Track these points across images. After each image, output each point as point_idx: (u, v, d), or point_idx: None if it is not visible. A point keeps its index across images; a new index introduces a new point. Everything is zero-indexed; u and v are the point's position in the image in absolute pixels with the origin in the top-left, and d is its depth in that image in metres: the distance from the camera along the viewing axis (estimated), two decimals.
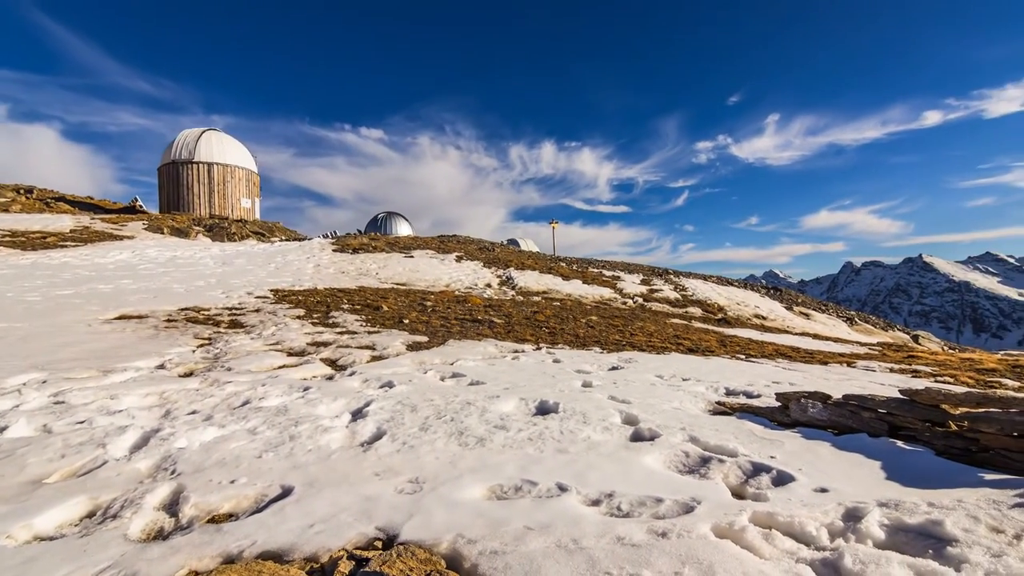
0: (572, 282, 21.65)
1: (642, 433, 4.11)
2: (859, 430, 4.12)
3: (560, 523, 2.59)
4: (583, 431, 4.10)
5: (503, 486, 3.11)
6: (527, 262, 25.18)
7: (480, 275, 20.78)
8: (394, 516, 2.69)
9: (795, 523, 2.56)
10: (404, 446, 3.71)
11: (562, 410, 4.66)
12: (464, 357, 7.39)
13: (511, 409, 4.82)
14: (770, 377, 7.12)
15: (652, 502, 2.85)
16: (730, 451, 3.67)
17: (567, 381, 6.07)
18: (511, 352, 8.22)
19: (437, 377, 6.19)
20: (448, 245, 28.30)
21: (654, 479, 3.25)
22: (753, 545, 2.38)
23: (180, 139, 34.41)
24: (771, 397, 5.47)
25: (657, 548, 2.30)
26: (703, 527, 2.51)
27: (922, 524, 2.50)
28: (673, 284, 25.09)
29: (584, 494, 2.98)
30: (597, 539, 2.42)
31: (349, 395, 5.06)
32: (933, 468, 3.39)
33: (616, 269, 28.13)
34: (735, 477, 3.32)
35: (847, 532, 2.52)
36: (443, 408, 4.65)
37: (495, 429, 4.09)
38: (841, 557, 2.21)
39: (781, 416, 4.66)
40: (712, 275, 30.76)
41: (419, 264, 21.75)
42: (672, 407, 5.01)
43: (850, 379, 7.51)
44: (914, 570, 2.10)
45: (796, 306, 25.33)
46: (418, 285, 17.73)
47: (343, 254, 23.18)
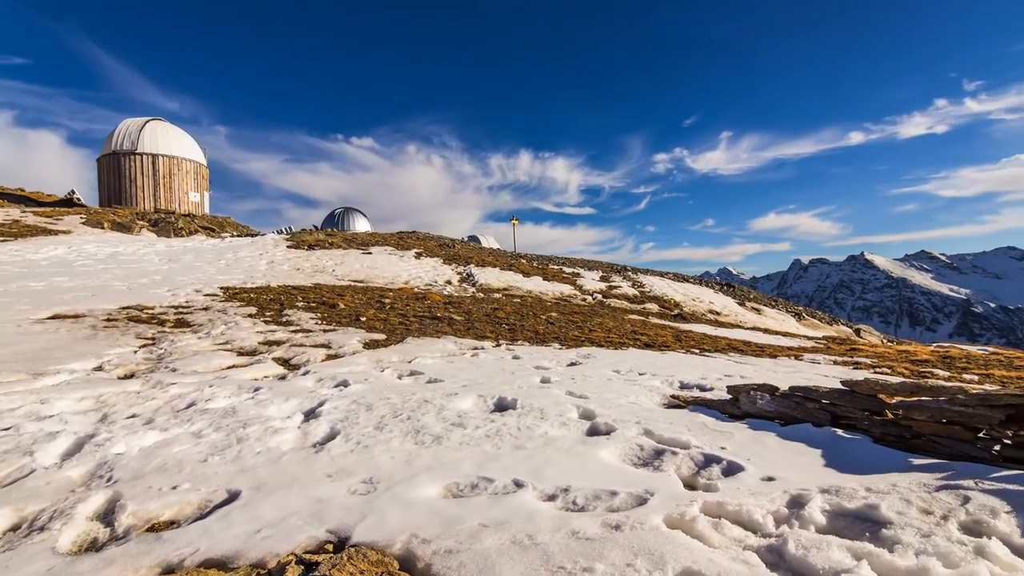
0: (533, 279, 21.74)
1: (599, 427, 4.16)
2: (804, 420, 4.28)
3: (516, 519, 2.58)
4: (541, 427, 4.11)
5: (459, 484, 3.08)
6: (488, 259, 25.13)
7: (440, 272, 20.61)
8: (346, 518, 2.62)
9: (743, 511, 2.64)
10: (358, 446, 3.63)
11: (520, 406, 4.66)
12: (423, 355, 7.31)
13: (469, 406, 4.79)
14: (722, 371, 7.33)
15: (607, 495, 2.88)
16: (683, 443, 3.75)
17: (526, 377, 6.08)
18: (471, 349, 8.18)
19: (394, 375, 6.09)
20: (407, 242, 27.95)
21: (609, 473, 3.29)
22: (703, 534, 2.43)
23: (122, 128, 32.54)
24: (723, 390, 5.63)
25: (611, 541, 2.32)
26: (656, 518, 2.55)
27: (860, 508, 2.62)
28: (631, 281, 25.54)
29: (540, 489, 2.98)
30: (552, 534, 2.42)
31: (302, 395, 4.92)
32: (871, 455, 3.56)
33: (576, 266, 28.42)
34: (687, 468, 3.39)
35: (791, 518, 2.61)
36: (400, 406, 4.58)
37: (452, 427, 4.06)
38: (785, 543, 2.28)
39: (732, 408, 4.81)
40: (669, 272, 31.48)
41: (377, 261, 21.39)
42: (628, 401, 5.09)
43: (797, 371, 7.82)
44: (852, 552, 2.19)
45: (748, 302, 26.23)
46: (376, 282, 17.43)
47: (298, 250, 22.56)
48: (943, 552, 2.18)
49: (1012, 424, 3.35)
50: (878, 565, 2.11)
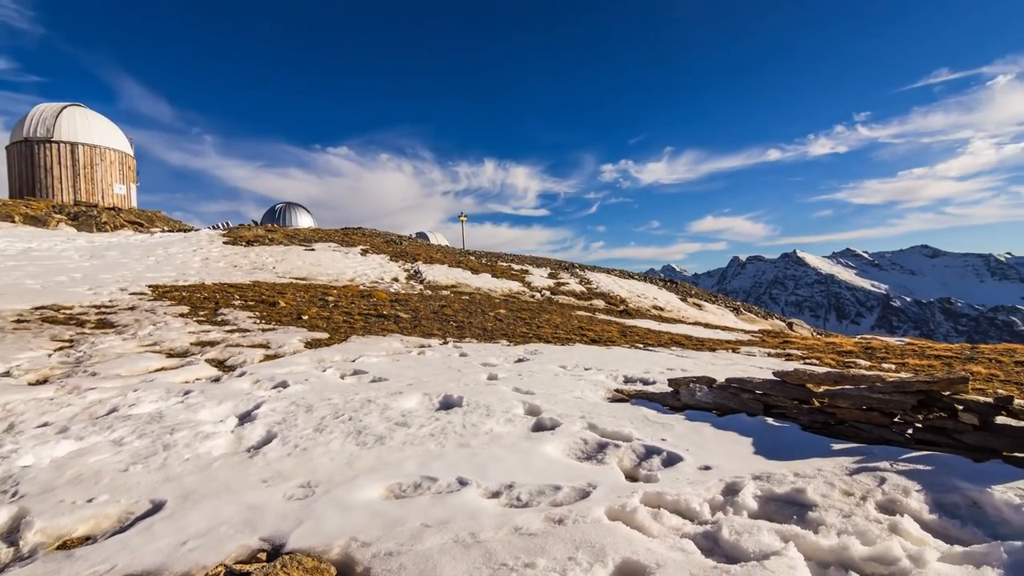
0: (481, 276, 21.69)
1: (544, 423, 4.18)
2: (739, 410, 4.46)
3: (459, 518, 2.55)
4: (486, 424, 4.09)
5: (402, 484, 3.02)
6: (436, 256, 24.88)
7: (387, 269, 20.22)
8: (282, 524, 2.51)
9: (681, 501, 2.71)
10: (296, 449, 3.50)
11: (466, 404, 4.62)
12: (367, 353, 7.14)
13: (414, 405, 4.71)
14: (665, 364, 7.55)
15: (551, 490, 2.89)
16: (625, 436, 3.83)
17: (473, 375, 6.04)
18: (417, 347, 8.06)
19: (337, 375, 5.91)
20: (353, 238, 27.27)
21: (554, 467, 3.31)
22: (643, 525, 2.49)
23: (34, 114, 29.84)
24: (665, 383, 5.79)
25: (553, 535, 2.33)
26: (598, 511, 2.58)
27: (788, 493, 2.75)
28: (579, 278, 25.92)
29: (485, 487, 2.96)
30: (495, 531, 2.41)
31: (237, 397, 4.69)
32: (800, 441, 3.75)
33: (525, 263, 28.57)
34: (629, 461, 3.46)
35: (726, 505, 2.71)
36: (341, 407, 4.44)
37: (396, 426, 3.97)
38: (720, 529, 2.37)
39: (673, 400, 4.95)
40: (615, 269, 32.17)
41: (321, 258, 20.75)
42: (574, 396, 5.15)
43: (734, 364, 8.15)
44: (780, 535, 2.29)
45: (690, 297, 27.18)
46: (320, 280, 16.90)
47: (236, 247, 21.56)
48: (862, 531, 2.32)
49: (923, 409, 3.60)
50: (804, 546, 2.22)
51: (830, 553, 2.18)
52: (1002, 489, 2.58)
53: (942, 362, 9.15)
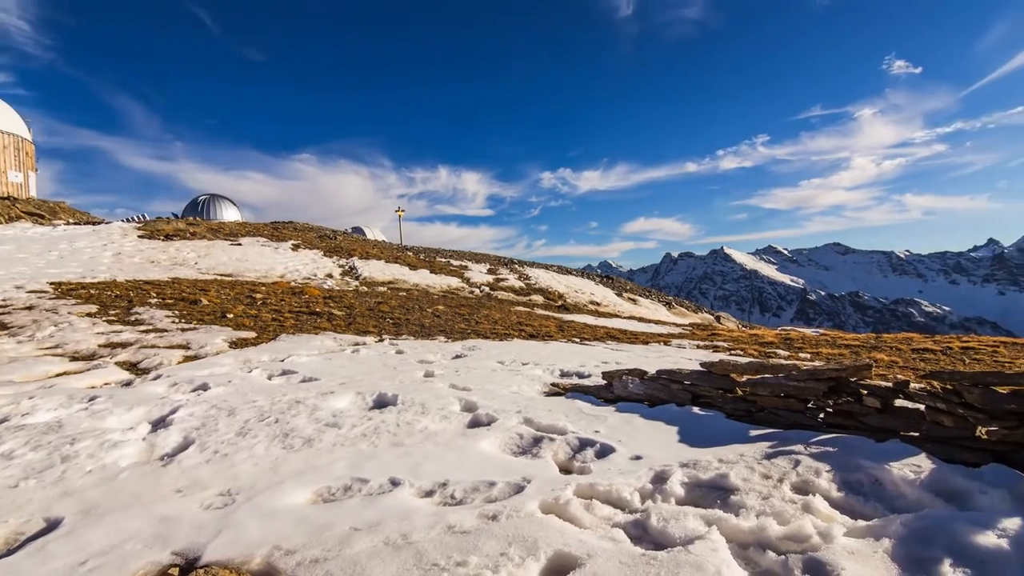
0: (420, 272, 21.38)
1: (480, 419, 4.16)
2: (669, 401, 4.62)
3: (390, 519, 2.49)
4: (421, 422, 4.02)
5: (331, 488, 2.91)
6: (372, 251, 24.28)
7: (320, 265, 19.52)
8: (197, 536, 2.35)
9: (612, 491, 2.77)
10: (216, 455, 3.29)
11: (401, 402, 4.53)
12: (297, 352, 6.85)
13: (346, 405, 4.56)
14: (600, 358, 7.71)
15: (485, 486, 2.87)
16: (560, 429, 3.87)
17: (409, 372, 5.93)
18: (351, 345, 7.82)
19: (264, 376, 5.63)
20: (283, 232, 26.13)
21: (489, 463, 3.29)
22: (575, 516, 2.51)
23: None
24: (599, 376, 5.91)
25: (486, 532, 2.31)
26: (531, 505, 2.58)
27: (713, 479, 2.87)
28: (518, 274, 26.09)
29: (418, 486, 2.90)
30: (427, 531, 2.36)
31: (151, 402, 4.36)
32: (724, 429, 3.92)
33: (464, 259, 28.42)
34: (564, 453, 3.50)
35: (655, 493, 2.79)
36: (267, 409, 4.23)
37: (326, 427, 3.83)
38: (648, 517, 2.43)
39: (606, 393, 5.06)
40: (554, 265, 32.61)
41: (248, 253, 19.74)
42: (511, 391, 5.16)
43: (665, 356, 8.46)
44: (705, 520, 2.38)
45: (625, 292, 28.00)
46: (247, 276, 16.08)
47: (153, 241, 20.13)
48: (778, 511, 2.45)
49: (833, 394, 3.86)
50: (726, 529, 2.31)
51: (749, 534, 2.29)
52: (899, 466, 2.80)
53: (851, 351, 9.90)
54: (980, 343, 10.60)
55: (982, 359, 8.52)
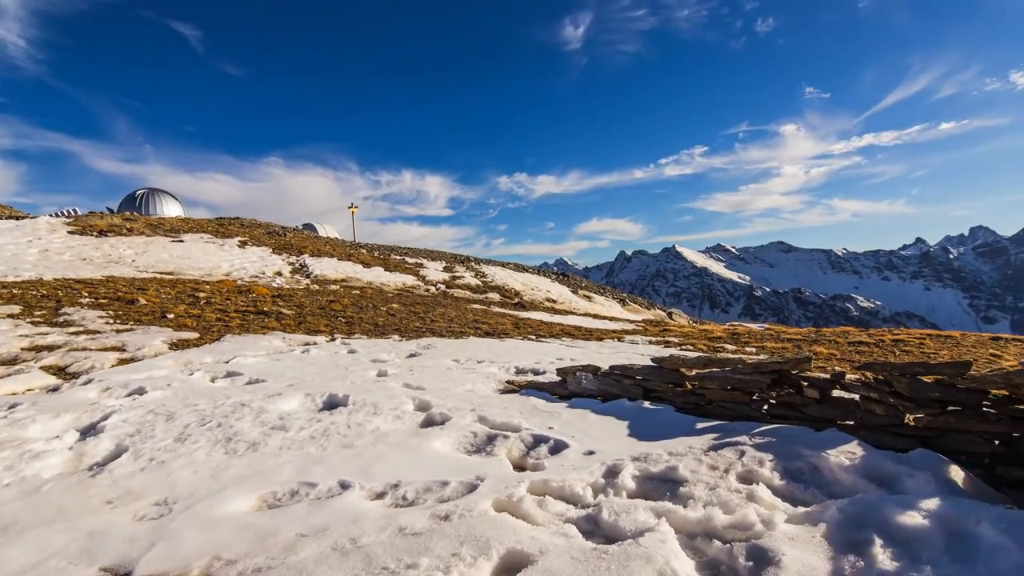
0: (374, 269, 20.99)
1: (434, 418, 4.10)
2: (621, 396, 4.69)
3: (339, 523, 2.41)
4: (373, 422, 3.93)
5: (277, 493, 2.80)
6: (324, 248, 23.66)
7: (269, 262, 18.86)
8: (129, 550, 2.22)
9: (565, 486, 2.78)
10: (152, 463, 3.12)
11: (352, 403, 4.42)
12: (244, 353, 6.59)
13: (294, 407, 4.41)
14: (555, 355, 7.77)
15: (438, 486, 2.83)
16: (514, 427, 3.86)
17: (361, 372, 5.80)
18: (301, 345, 7.59)
19: (207, 378, 5.39)
20: (229, 229, 25.11)
21: (442, 463, 3.25)
22: (529, 513, 2.51)
23: None
24: (554, 373, 5.95)
25: (438, 532, 2.28)
26: (485, 504, 2.57)
27: (663, 471, 2.92)
28: (475, 271, 26.00)
29: (369, 488, 2.84)
30: (377, 534, 2.30)
31: (80, 408, 4.09)
32: (674, 422, 4.01)
33: (420, 257, 28.10)
34: (518, 451, 3.50)
35: (607, 487, 2.82)
36: (210, 413, 4.04)
37: (272, 431, 3.69)
38: (600, 511, 2.45)
39: (561, 389, 5.09)
40: (510, 263, 32.69)
41: (191, 250, 18.85)
42: (465, 389, 5.12)
43: (619, 352, 8.60)
44: (654, 512, 2.42)
45: (581, 290, 28.37)
46: (190, 274, 15.37)
47: (85, 237, 18.93)
48: (724, 501, 2.52)
49: (776, 386, 4.01)
50: (675, 520, 2.36)
51: (697, 524, 2.34)
52: (836, 453, 2.93)
53: (793, 344, 10.34)
54: (909, 336, 11.29)
55: (910, 351, 9.08)
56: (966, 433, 3.10)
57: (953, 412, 3.14)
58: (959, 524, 2.13)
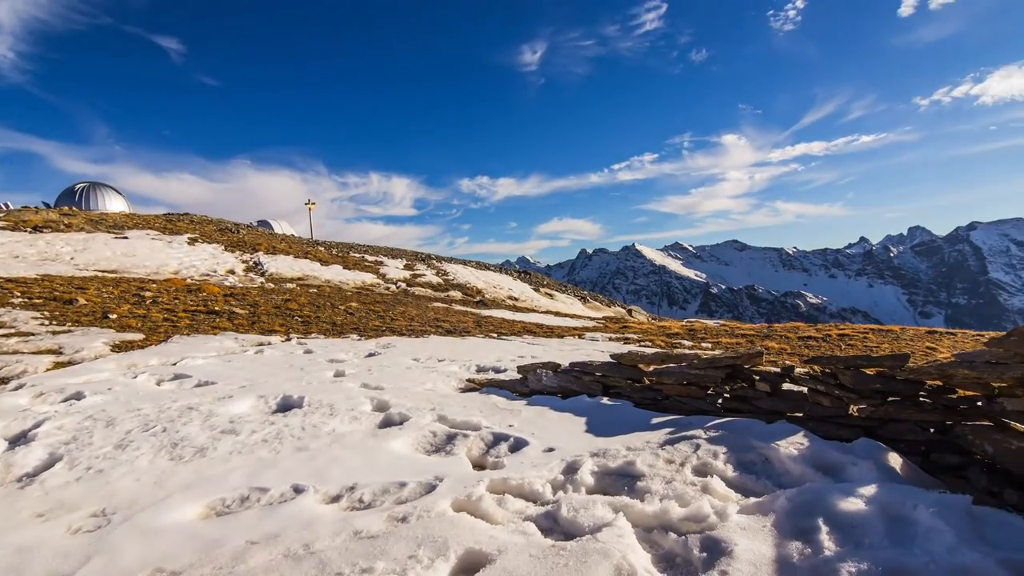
0: (332, 267, 20.53)
1: (392, 418, 4.03)
2: (581, 392, 4.73)
3: (292, 529, 2.34)
4: (329, 424, 3.83)
5: (226, 500, 2.69)
6: (280, 246, 22.99)
7: (221, 260, 18.19)
8: (62, 565, 2.08)
9: (525, 484, 2.78)
10: (89, 472, 2.94)
11: (307, 404, 4.29)
12: (192, 355, 6.32)
13: (246, 409, 4.26)
14: (516, 352, 7.78)
15: (396, 487, 2.78)
16: (474, 425, 3.84)
17: (317, 372, 5.65)
18: (255, 345, 7.34)
19: (152, 381, 5.14)
20: (178, 225, 24.08)
21: (401, 463, 3.19)
22: (488, 512, 2.49)
23: None
24: (515, 371, 5.95)
25: (395, 535, 2.23)
26: (443, 504, 2.53)
27: (621, 466, 2.96)
28: (436, 269, 25.78)
29: (324, 492, 2.76)
30: (332, 538, 2.24)
31: (8, 416, 3.83)
32: (633, 417, 4.06)
33: (380, 254, 27.66)
34: (478, 449, 3.48)
35: (567, 484, 2.83)
36: (154, 418, 3.85)
37: (222, 435, 3.54)
38: (559, 508, 2.45)
39: (521, 387, 5.10)
40: (472, 260, 32.58)
41: (136, 247, 17.98)
42: (425, 389, 5.06)
43: (579, 349, 8.68)
44: (612, 507, 2.44)
45: (542, 287, 28.52)
46: (135, 272, 14.66)
47: (18, 233, 17.79)
48: (680, 494, 2.56)
49: (730, 381, 4.12)
50: (632, 514, 2.39)
51: (654, 518, 2.37)
52: (785, 444, 3.03)
53: (747, 339, 10.68)
54: (854, 330, 11.83)
55: (855, 344, 9.51)
56: (904, 422, 3.26)
57: (893, 402, 3.29)
58: (898, 509, 2.23)
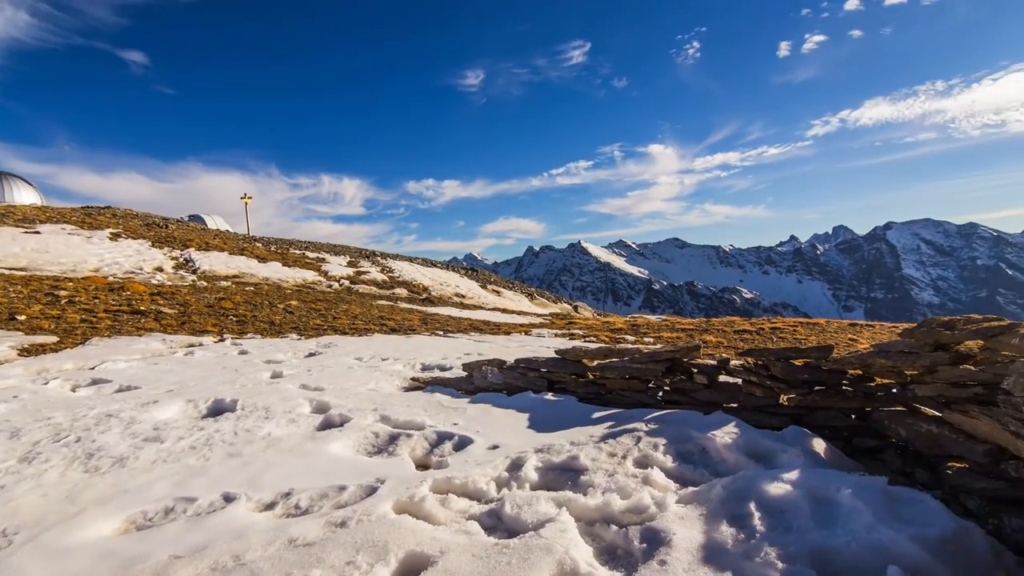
0: (270, 264, 19.72)
1: (333, 419, 3.90)
2: (526, 388, 4.74)
3: (221, 540, 2.20)
4: (264, 427, 3.66)
5: (148, 512, 2.51)
6: (214, 242, 21.85)
7: (147, 257, 17.09)
8: None
9: (469, 483, 2.74)
10: None
11: (241, 407, 4.09)
12: (113, 358, 5.90)
13: (173, 415, 4.01)
14: (463, 350, 7.72)
15: (335, 491, 2.69)
16: (418, 425, 3.77)
17: (253, 374, 5.40)
18: (184, 347, 6.94)
19: (66, 387, 4.75)
20: (98, 220, 22.44)
21: (341, 466, 3.09)
22: (430, 513, 2.44)
23: None
24: (460, 368, 5.90)
25: (332, 541, 2.15)
26: (384, 506, 2.46)
27: (564, 461, 2.98)
28: (381, 266, 25.26)
29: (257, 499, 2.63)
30: (265, 548, 2.13)
31: None
32: (577, 412, 4.11)
33: (322, 251, 26.82)
34: (422, 449, 3.41)
35: (511, 481, 2.82)
36: (67, 426, 3.56)
37: (145, 443, 3.31)
38: (503, 505, 2.44)
39: (467, 384, 5.05)
40: (418, 257, 32.12)
41: (50, 243, 16.61)
42: (368, 389, 4.93)
43: (525, 345, 8.72)
44: (556, 502, 2.45)
45: (490, 284, 28.50)
46: (48, 270, 13.54)
47: None
48: (622, 487, 2.60)
49: (670, 374, 4.24)
50: (575, 509, 2.40)
51: (596, 512, 2.40)
52: (721, 434, 3.14)
53: (687, 334, 11.06)
54: (784, 324, 12.49)
55: (785, 337, 10.03)
56: (829, 410, 3.45)
57: (819, 391, 3.48)
58: (823, 493, 2.35)
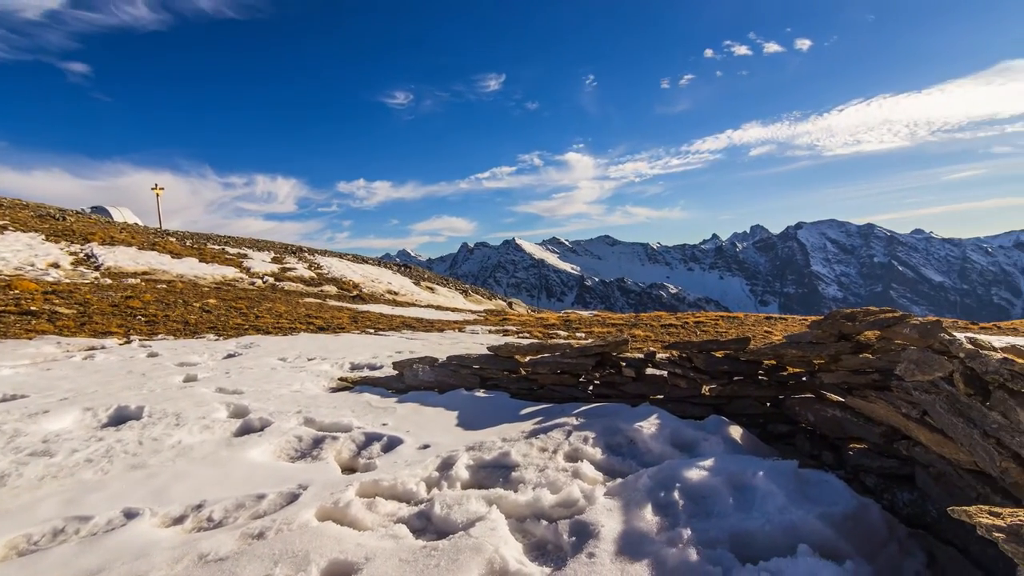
0: (186, 260, 18.45)
1: (252, 424, 3.68)
2: (459, 386, 4.69)
3: (119, 561, 2.01)
4: (174, 435, 3.39)
5: (33, 535, 2.25)
6: (120, 236, 20.15)
7: (40, 252, 15.50)
8: None
9: (397, 484, 2.66)
10: None
11: (148, 414, 3.77)
12: None
13: (68, 425, 3.64)
14: (394, 348, 7.54)
15: (253, 501, 2.53)
16: (345, 426, 3.63)
17: (163, 378, 5.01)
18: (84, 350, 6.34)
19: None
20: None
21: (260, 474, 2.91)
22: (356, 519, 2.34)
23: None
24: (391, 367, 5.75)
25: (248, 554, 2.01)
26: (307, 514, 2.34)
27: (496, 458, 2.95)
28: (308, 262, 24.28)
29: (164, 513, 2.42)
30: (171, 566, 1.96)
31: None
32: (509, 408, 4.10)
33: (243, 246, 25.41)
34: (348, 452, 3.28)
35: (441, 480, 2.77)
36: None
37: (31, 457, 2.98)
38: (432, 506, 2.38)
39: (397, 383, 4.93)
40: (348, 254, 31.13)
41: None
42: (291, 390, 4.70)
43: (459, 342, 8.65)
44: (486, 500, 2.42)
45: (423, 281, 28.09)
46: None
47: None
48: (552, 481, 2.61)
49: (600, 368, 4.32)
50: (505, 506, 2.39)
51: (527, 507, 2.39)
52: (647, 425, 3.23)
53: (616, 328, 11.38)
54: (707, 318, 13.13)
55: (708, 330, 10.55)
56: (746, 398, 3.64)
57: (738, 381, 3.66)
58: (740, 478, 2.46)
